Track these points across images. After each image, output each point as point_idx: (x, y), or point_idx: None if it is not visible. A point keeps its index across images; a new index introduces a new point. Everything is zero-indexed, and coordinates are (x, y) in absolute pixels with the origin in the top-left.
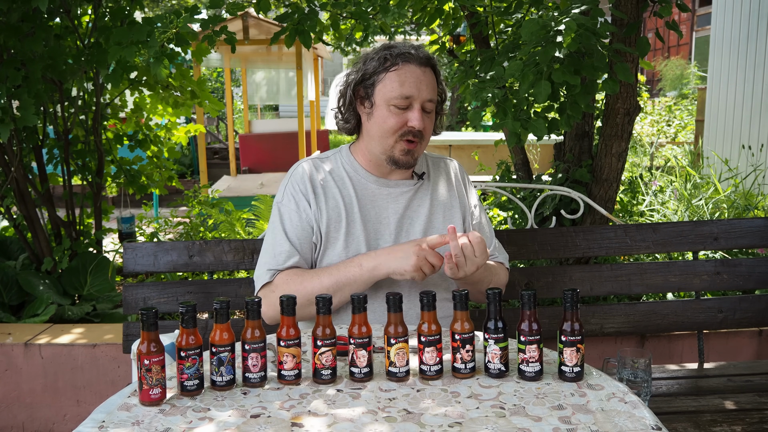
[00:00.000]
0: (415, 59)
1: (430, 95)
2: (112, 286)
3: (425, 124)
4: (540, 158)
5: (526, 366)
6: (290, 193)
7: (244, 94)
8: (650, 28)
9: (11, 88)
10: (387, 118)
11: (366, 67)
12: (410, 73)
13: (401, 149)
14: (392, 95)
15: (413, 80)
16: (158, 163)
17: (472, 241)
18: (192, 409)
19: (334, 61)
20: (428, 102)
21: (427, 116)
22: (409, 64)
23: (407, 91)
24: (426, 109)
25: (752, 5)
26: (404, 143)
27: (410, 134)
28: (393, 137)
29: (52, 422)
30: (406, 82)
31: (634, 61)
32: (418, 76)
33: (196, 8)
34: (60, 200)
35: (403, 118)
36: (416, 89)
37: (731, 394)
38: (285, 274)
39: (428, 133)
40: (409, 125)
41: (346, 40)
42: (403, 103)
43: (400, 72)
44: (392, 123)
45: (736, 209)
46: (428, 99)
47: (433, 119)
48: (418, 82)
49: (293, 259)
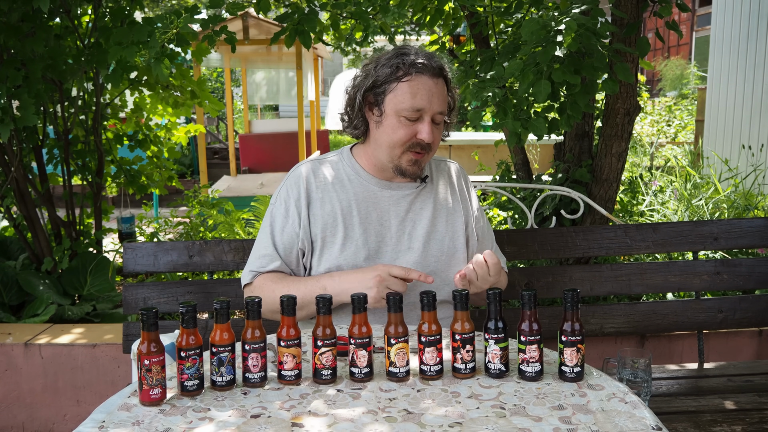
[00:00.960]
0: (428, 70)
1: (440, 107)
2: (112, 286)
3: (435, 136)
4: (540, 158)
5: (527, 366)
6: (283, 198)
7: (244, 94)
8: (650, 28)
9: (11, 88)
10: (397, 129)
11: (378, 74)
12: (422, 84)
13: (408, 160)
14: (403, 107)
15: (425, 92)
16: (158, 163)
17: (488, 261)
18: (192, 409)
19: (334, 61)
20: (438, 114)
21: (436, 128)
22: (422, 75)
23: (419, 104)
24: (436, 121)
25: (752, 5)
26: (412, 154)
27: (418, 146)
28: (401, 148)
29: (52, 422)
30: (417, 95)
31: (634, 61)
32: (430, 88)
33: (196, 8)
34: (60, 200)
35: (413, 129)
36: (428, 102)
37: (731, 394)
38: (263, 277)
39: (437, 144)
40: (419, 137)
41: (346, 40)
42: (414, 116)
43: (413, 83)
44: (401, 134)
45: (736, 209)
46: (439, 111)
47: (442, 129)
48: (430, 95)
49: (275, 263)
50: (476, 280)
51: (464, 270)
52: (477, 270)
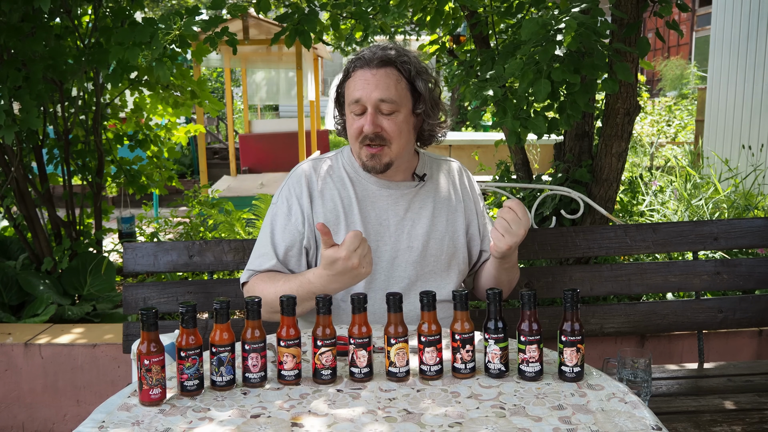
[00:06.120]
0: (367, 63)
1: (381, 95)
2: (112, 286)
3: (385, 126)
4: (540, 158)
5: (526, 366)
6: (285, 196)
7: (244, 94)
8: (650, 28)
9: (13, 89)
10: (351, 125)
11: (339, 80)
12: (360, 77)
13: (366, 154)
14: (348, 102)
15: (362, 84)
16: (158, 163)
17: (510, 206)
18: (192, 409)
19: (334, 61)
20: (381, 102)
21: (386, 118)
22: (360, 69)
23: (356, 95)
24: (382, 110)
25: (752, 5)
26: (366, 148)
27: (367, 138)
28: (356, 143)
29: (52, 422)
30: (357, 88)
31: (634, 61)
32: (367, 78)
33: (197, 9)
34: (60, 200)
35: (360, 123)
36: (363, 92)
37: (731, 394)
38: (256, 277)
39: (394, 134)
40: (363, 130)
41: (346, 40)
42: (357, 109)
43: (353, 79)
44: (352, 129)
45: (736, 209)
46: (380, 99)
47: (399, 120)
48: (366, 84)
49: (271, 262)
50: (511, 227)
51: (495, 225)
52: (506, 217)
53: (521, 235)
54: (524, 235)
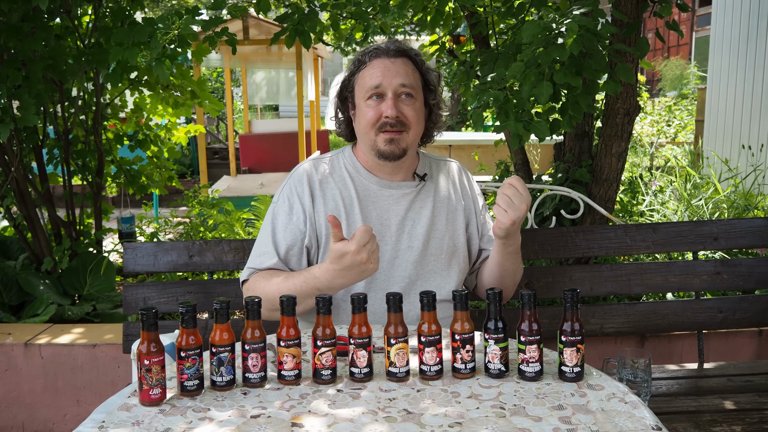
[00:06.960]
0: (384, 52)
1: (402, 80)
2: (112, 286)
3: (405, 112)
4: (540, 158)
5: (526, 366)
6: (286, 195)
7: (244, 94)
8: (650, 28)
9: (12, 88)
10: (366, 113)
11: (346, 74)
12: (378, 64)
13: (384, 140)
14: (365, 89)
15: (381, 70)
16: (158, 163)
17: (511, 182)
18: (192, 409)
19: (334, 61)
20: (402, 87)
21: (405, 103)
22: (377, 58)
23: (375, 81)
24: (402, 96)
25: (752, 5)
26: (385, 134)
27: (387, 124)
28: (373, 130)
29: (52, 422)
30: (375, 74)
31: (634, 62)
32: (386, 65)
33: (197, 9)
34: (60, 200)
35: (379, 109)
36: (384, 77)
37: (731, 394)
38: (257, 275)
39: (413, 120)
40: (384, 115)
41: (346, 40)
42: (376, 94)
43: (370, 67)
44: (370, 116)
45: (736, 209)
46: (401, 84)
47: (417, 107)
48: (386, 71)
49: (272, 261)
50: (513, 202)
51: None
52: (507, 192)
53: (523, 210)
54: (526, 210)
